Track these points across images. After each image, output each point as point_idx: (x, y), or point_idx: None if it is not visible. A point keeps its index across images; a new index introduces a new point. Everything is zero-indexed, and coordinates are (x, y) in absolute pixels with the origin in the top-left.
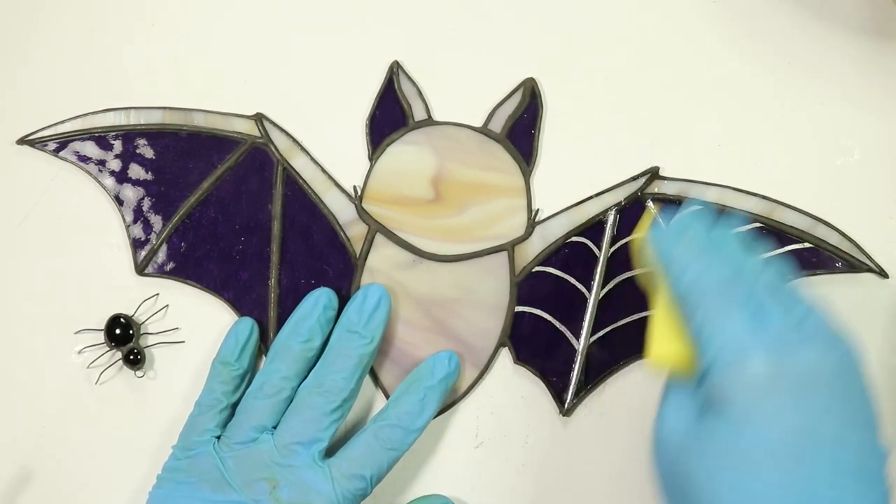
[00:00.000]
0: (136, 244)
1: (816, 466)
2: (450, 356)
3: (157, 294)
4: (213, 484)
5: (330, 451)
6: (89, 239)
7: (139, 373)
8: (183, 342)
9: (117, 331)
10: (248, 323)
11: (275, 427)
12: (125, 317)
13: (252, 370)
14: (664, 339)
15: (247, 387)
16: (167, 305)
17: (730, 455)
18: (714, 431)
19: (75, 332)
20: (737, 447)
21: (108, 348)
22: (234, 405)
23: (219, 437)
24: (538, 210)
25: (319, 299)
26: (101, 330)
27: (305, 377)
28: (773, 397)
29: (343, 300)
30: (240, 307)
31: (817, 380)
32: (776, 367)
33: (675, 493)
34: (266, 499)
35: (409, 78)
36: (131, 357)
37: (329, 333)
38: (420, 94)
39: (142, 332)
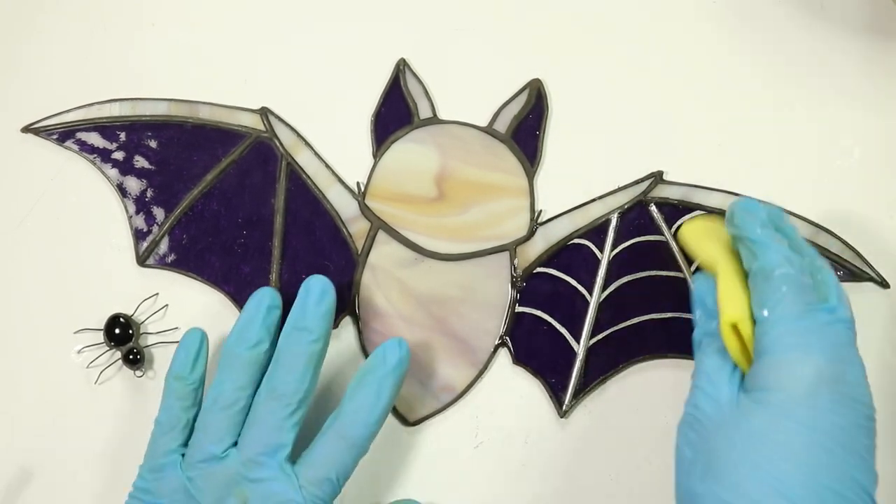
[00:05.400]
0: (139, 235)
1: (848, 470)
2: (399, 342)
3: (157, 294)
4: None
5: (295, 454)
6: (90, 239)
7: (139, 372)
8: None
9: (117, 330)
10: (198, 334)
11: (237, 439)
12: (125, 316)
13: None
14: (734, 303)
15: (203, 400)
16: (167, 305)
17: (765, 443)
18: (753, 416)
19: (75, 332)
20: (773, 437)
21: (107, 348)
22: (195, 419)
23: (184, 455)
24: (541, 211)
25: (262, 301)
26: (101, 329)
27: (259, 384)
28: (820, 399)
29: (343, 297)
30: (240, 301)
31: (865, 391)
32: (832, 372)
33: (698, 465)
34: None
35: (416, 76)
36: (131, 357)
37: (277, 335)
38: (426, 92)
39: (141, 331)
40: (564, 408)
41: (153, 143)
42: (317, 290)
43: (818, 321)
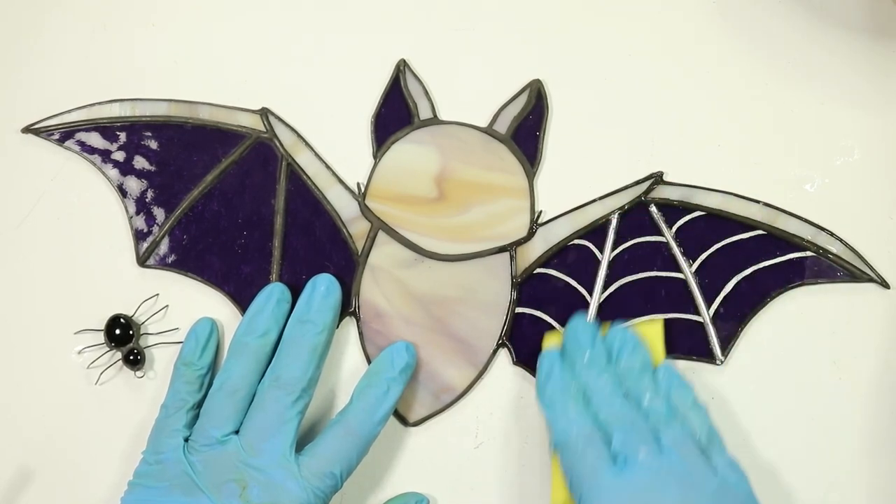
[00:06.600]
0: (139, 236)
1: None
2: (406, 346)
3: (157, 294)
4: (184, 488)
5: (299, 445)
6: (90, 239)
7: (139, 373)
8: (182, 342)
9: (117, 331)
10: (208, 322)
11: (239, 427)
12: (125, 317)
13: (215, 369)
14: (559, 486)
15: (210, 386)
16: (167, 306)
17: None
18: None
19: (75, 333)
20: None
21: (108, 348)
22: (200, 404)
23: (187, 439)
24: (541, 212)
25: (272, 293)
26: (101, 330)
27: (265, 373)
28: None
29: (343, 298)
30: (241, 301)
31: None
32: None
33: None
34: (236, 501)
35: (416, 76)
36: (131, 357)
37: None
38: (426, 92)
39: (142, 332)
40: None
41: (153, 144)
42: (323, 285)
43: (603, 486)
